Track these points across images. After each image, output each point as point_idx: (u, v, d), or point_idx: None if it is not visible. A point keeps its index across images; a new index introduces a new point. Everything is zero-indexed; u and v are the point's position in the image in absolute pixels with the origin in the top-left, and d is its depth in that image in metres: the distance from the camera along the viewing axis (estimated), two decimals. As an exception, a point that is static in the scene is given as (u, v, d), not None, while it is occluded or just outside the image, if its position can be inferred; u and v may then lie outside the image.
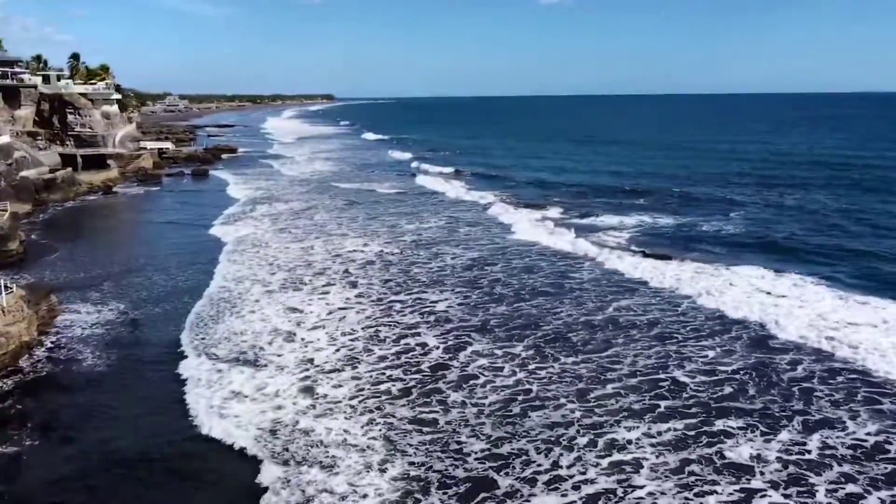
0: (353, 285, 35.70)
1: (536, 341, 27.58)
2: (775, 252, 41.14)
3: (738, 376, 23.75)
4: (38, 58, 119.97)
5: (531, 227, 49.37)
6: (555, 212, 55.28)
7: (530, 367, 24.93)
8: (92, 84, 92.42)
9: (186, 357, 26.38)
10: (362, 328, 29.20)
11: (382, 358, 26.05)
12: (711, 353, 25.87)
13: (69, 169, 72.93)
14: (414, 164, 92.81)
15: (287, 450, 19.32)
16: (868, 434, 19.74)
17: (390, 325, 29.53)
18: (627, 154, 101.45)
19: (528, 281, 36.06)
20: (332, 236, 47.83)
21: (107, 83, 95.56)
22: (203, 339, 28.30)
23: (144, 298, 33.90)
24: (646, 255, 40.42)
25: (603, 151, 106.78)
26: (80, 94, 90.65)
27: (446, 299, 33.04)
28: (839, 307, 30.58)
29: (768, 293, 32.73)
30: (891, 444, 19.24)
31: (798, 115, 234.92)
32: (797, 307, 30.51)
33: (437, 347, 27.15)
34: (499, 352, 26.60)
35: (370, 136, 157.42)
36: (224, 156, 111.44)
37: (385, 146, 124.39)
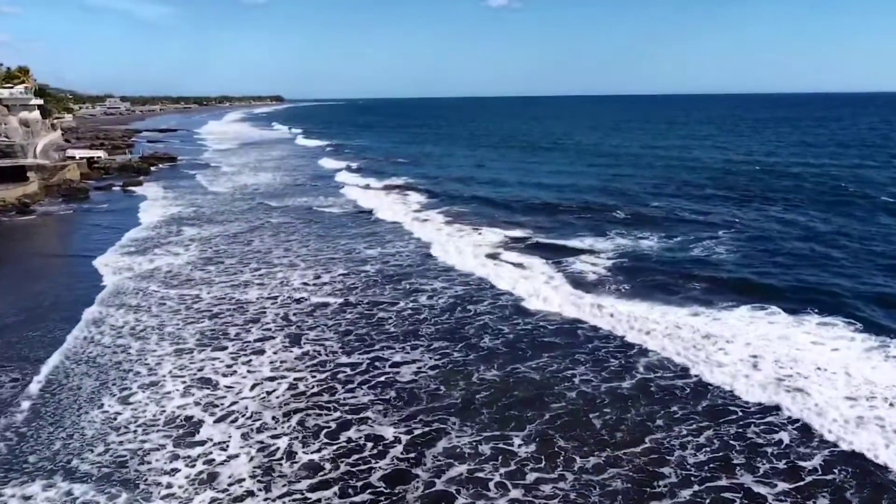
0: (296, 340, 28.90)
1: (543, 428, 21.16)
2: (776, 295, 33.86)
3: None
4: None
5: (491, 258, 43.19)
6: (505, 235, 49.10)
7: (533, 476, 18.48)
8: (7, 87, 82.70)
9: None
10: (294, 412, 22.27)
11: (312, 468, 19.13)
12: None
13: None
14: (348, 177, 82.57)
15: None
16: None
17: (332, 408, 22.66)
18: (576, 162, 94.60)
19: (520, 330, 29.89)
20: (273, 267, 40.70)
21: (25, 87, 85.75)
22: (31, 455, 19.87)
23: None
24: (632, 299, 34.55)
25: (551, 159, 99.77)
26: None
27: (415, 361, 26.55)
28: None
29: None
30: None
31: (747, 117, 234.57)
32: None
33: (397, 443, 20.46)
34: (487, 448, 20.09)
35: (310, 142, 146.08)
36: (161, 165, 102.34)
37: (322, 155, 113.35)
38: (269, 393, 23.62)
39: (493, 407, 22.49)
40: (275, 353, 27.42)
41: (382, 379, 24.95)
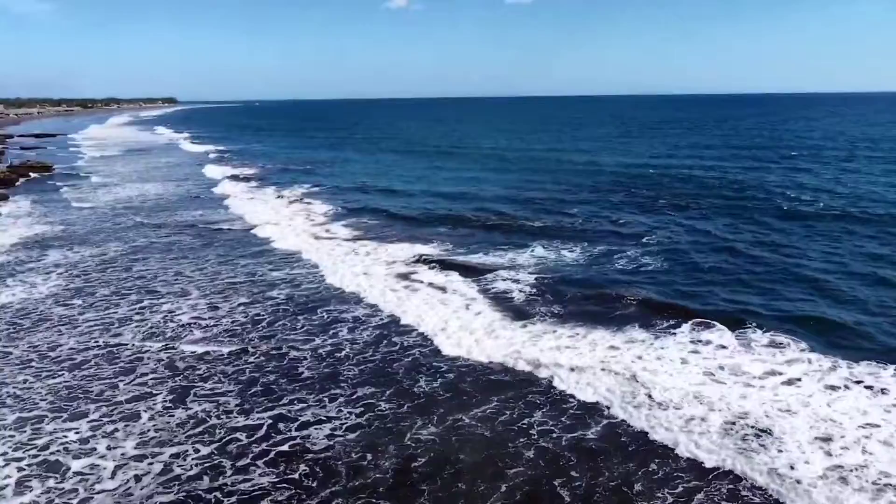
0: (181, 397, 23.50)
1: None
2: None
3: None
4: None
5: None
6: (418, 252, 45.08)
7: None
8: None
9: None
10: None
11: None
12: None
13: None
14: (241, 189, 74.51)
15: None
16: None
17: (213, 501, 17.20)
18: (482, 168, 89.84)
19: (460, 367, 25.70)
20: (157, 298, 34.70)
21: None
22: None
23: None
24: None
25: (456, 165, 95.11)
26: None
27: (332, 419, 21.65)
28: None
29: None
30: None
31: (651, 118, 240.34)
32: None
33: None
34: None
35: (198, 148, 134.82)
36: (33, 175, 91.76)
37: (211, 162, 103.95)
38: (135, 480, 18.30)
39: (436, 481, 18.15)
40: (150, 417, 22.00)
41: (286, 448, 20.11)
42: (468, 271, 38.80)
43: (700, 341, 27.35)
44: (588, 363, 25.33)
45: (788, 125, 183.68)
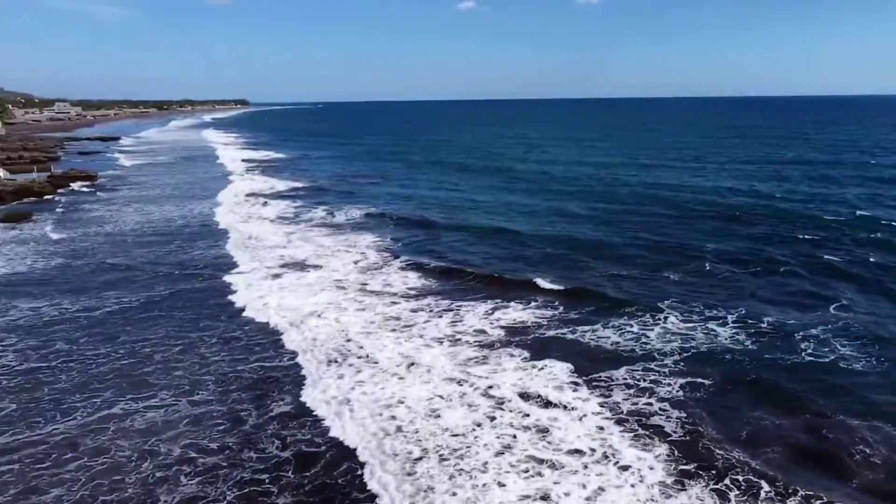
0: None
1: None
2: None
3: None
4: None
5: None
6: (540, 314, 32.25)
7: None
8: None
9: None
10: None
11: None
12: None
13: None
14: (279, 209, 62.57)
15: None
16: None
17: None
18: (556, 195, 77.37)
19: None
20: (144, 396, 23.18)
21: None
22: None
23: None
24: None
25: (538, 190, 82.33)
26: None
27: None
28: None
29: None
30: None
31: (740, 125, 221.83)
32: None
33: None
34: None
35: (241, 154, 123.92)
36: (75, 185, 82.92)
37: (244, 174, 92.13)
38: None
39: None
40: None
41: None
42: (580, 361, 25.88)
43: None
44: None
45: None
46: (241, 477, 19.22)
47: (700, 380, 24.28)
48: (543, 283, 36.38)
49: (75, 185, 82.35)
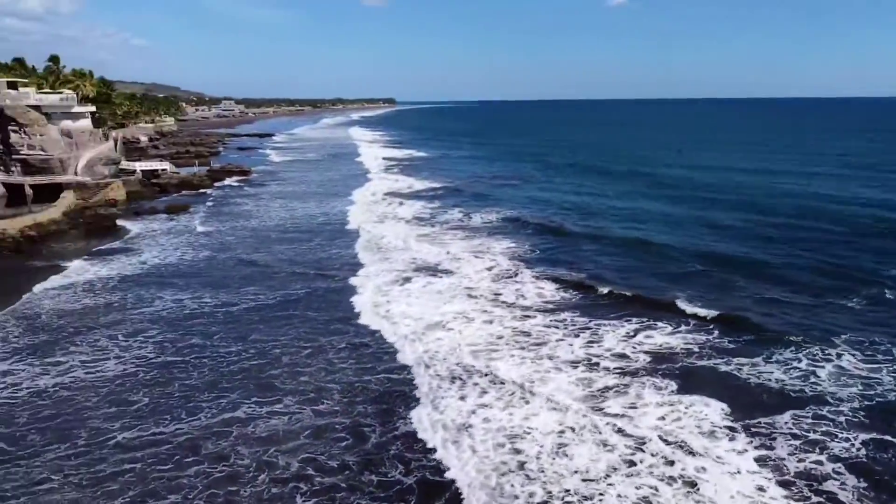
0: None
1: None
2: None
3: None
4: (20, 62, 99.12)
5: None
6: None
7: None
8: (46, 93, 69.96)
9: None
10: None
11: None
12: None
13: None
14: (415, 209, 61.87)
15: None
16: None
17: None
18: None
19: None
20: (263, 405, 22.94)
21: (65, 95, 72.55)
22: None
23: None
24: None
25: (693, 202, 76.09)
26: (32, 106, 68.13)
27: None
28: None
29: None
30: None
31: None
32: None
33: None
34: None
35: (383, 152, 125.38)
36: (230, 179, 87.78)
37: (383, 173, 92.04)
38: None
39: None
40: None
41: None
42: (736, 400, 22.55)
43: None
44: None
45: None
46: (358, 503, 18.11)
47: (888, 437, 20.31)
48: (691, 304, 32.85)
49: (230, 180, 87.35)
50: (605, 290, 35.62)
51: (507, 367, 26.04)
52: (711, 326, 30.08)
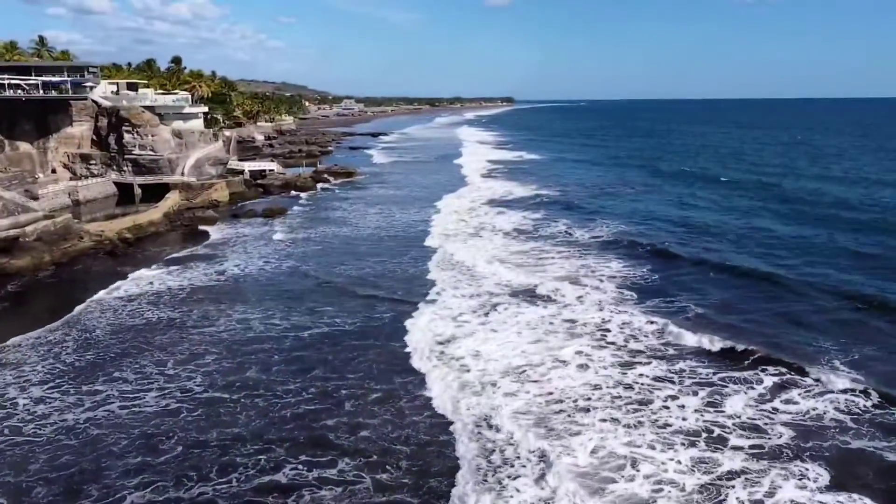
0: None
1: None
2: None
3: None
4: (149, 63, 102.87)
5: None
6: None
7: None
8: (161, 94, 71.12)
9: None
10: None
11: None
12: None
13: (67, 216, 49.80)
14: (514, 218, 57.85)
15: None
16: None
17: None
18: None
19: None
20: (299, 476, 19.51)
21: (178, 96, 73.48)
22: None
23: None
24: None
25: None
26: (147, 107, 69.39)
27: None
28: None
29: None
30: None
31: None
32: None
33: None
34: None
35: (494, 155, 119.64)
36: (335, 181, 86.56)
37: (490, 180, 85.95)
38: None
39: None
40: None
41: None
42: None
43: None
44: None
45: None
46: None
47: None
48: (841, 361, 26.47)
49: (334, 181, 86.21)
50: (726, 335, 29.64)
51: (601, 434, 21.14)
52: (871, 392, 23.75)
